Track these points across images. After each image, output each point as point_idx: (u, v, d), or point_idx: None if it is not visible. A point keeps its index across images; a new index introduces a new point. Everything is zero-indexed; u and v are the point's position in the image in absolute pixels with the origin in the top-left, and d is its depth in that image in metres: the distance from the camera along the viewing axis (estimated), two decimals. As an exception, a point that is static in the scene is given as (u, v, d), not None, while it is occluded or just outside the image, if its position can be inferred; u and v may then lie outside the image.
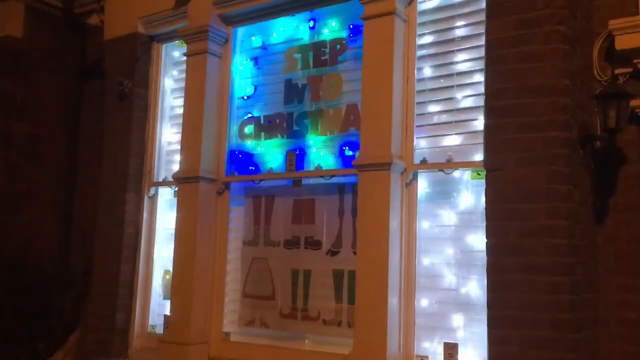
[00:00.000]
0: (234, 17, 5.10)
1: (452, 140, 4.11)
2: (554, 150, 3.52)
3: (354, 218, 4.34)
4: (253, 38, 5.14)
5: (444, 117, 4.17)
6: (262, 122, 4.98)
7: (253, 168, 4.98)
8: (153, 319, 5.37)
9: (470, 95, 4.07)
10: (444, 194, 4.13)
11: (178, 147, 5.30)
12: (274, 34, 5.03)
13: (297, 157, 4.72)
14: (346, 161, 4.47)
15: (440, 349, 3.94)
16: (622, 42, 3.78)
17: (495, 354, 3.55)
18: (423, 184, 4.19)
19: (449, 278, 4.02)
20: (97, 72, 6.14)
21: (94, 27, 6.20)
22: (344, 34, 4.66)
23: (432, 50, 4.27)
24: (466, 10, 4.15)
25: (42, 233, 6.30)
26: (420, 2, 4.31)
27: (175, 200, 5.23)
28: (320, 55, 4.73)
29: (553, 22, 3.58)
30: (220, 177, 5.02)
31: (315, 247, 4.56)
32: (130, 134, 5.48)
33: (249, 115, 5.06)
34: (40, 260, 6.14)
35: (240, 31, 5.19)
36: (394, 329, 3.97)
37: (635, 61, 3.80)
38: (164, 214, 5.50)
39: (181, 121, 5.24)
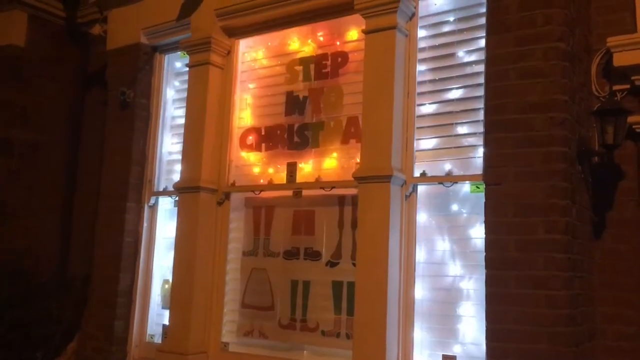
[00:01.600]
0: (237, 29, 5.14)
1: (452, 153, 4.15)
2: (552, 165, 3.56)
3: (354, 230, 4.37)
4: (255, 50, 5.19)
5: (444, 131, 4.20)
6: (263, 133, 5.01)
7: (253, 178, 5.01)
8: (152, 328, 5.38)
9: (469, 110, 4.10)
10: (443, 207, 4.16)
11: (179, 156, 5.34)
12: (276, 46, 5.07)
13: (297, 168, 4.76)
14: (346, 173, 4.51)
15: (438, 361, 3.96)
16: (620, 59, 3.83)
17: (493, 367, 3.58)
18: (423, 197, 4.23)
19: (448, 291, 4.04)
20: (99, 81, 6.18)
21: (96, 36, 6.23)
22: (345, 47, 4.71)
23: (432, 64, 4.31)
24: (466, 25, 4.20)
25: (42, 240, 6.30)
26: (422, 17, 4.36)
27: (175, 209, 5.26)
28: (322, 67, 4.77)
29: (552, 39, 3.63)
30: (220, 187, 5.05)
31: (314, 258, 4.58)
32: (131, 143, 5.50)
33: (250, 126, 5.09)
34: (39, 267, 6.15)
35: (243, 43, 5.23)
36: (393, 340, 3.99)
37: (633, 78, 3.86)
38: (164, 224, 5.52)
39: (182, 131, 5.27)
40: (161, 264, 5.46)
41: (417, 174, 4.21)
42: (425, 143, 4.25)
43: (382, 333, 3.92)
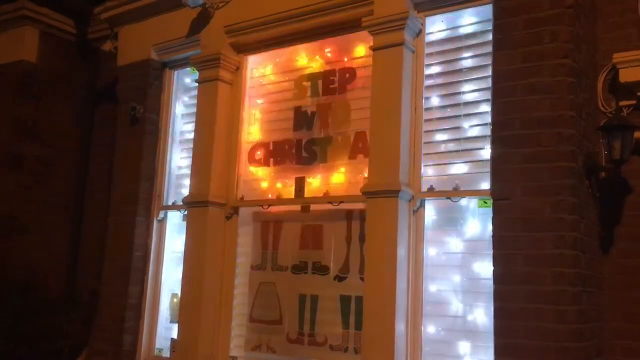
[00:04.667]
0: (245, 45, 5.19)
1: (459, 168, 4.17)
2: (560, 180, 3.58)
3: (362, 244, 4.39)
4: (263, 66, 5.24)
5: (451, 146, 4.23)
6: (271, 148, 5.04)
7: (262, 193, 5.03)
8: (160, 342, 5.39)
9: (476, 125, 4.14)
10: (451, 221, 4.18)
11: (188, 171, 5.38)
12: (285, 62, 5.12)
13: (305, 183, 4.78)
14: (354, 188, 4.53)
15: (446, 376, 3.96)
16: (626, 75, 3.86)
17: (502, 382, 3.57)
18: (430, 212, 4.25)
19: (456, 305, 4.05)
20: (109, 96, 6.26)
21: (106, 52, 6.31)
22: (353, 63, 4.76)
23: (439, 80, 4.35)
24: (473, 42, 4.24)
25: (51, 254, 6.35)
26: (429, 34, 4.41)
27: (184, 224, 5.29)
28: (330, 83, 4.81)
29: (559, 56, 3.66)
30: (229, 201, 5.08)
31: (322, 272, 4.60)
32: (140, 157, 5.55)
33: (259, 141, 5.13)
34: (49, 281, 6.18)
35: (251, 59, 5.28)
36: (401, 355, 3.99)
37: (639, 94, 3.88)
38: (173, 238, 5.55)
39: (191, 146, 5.32)
40: (170, 278, 5.48)
41: (424, 188, 4.23)
42: (433, 158, 4.28)
43: (391, 347, 3.93)
